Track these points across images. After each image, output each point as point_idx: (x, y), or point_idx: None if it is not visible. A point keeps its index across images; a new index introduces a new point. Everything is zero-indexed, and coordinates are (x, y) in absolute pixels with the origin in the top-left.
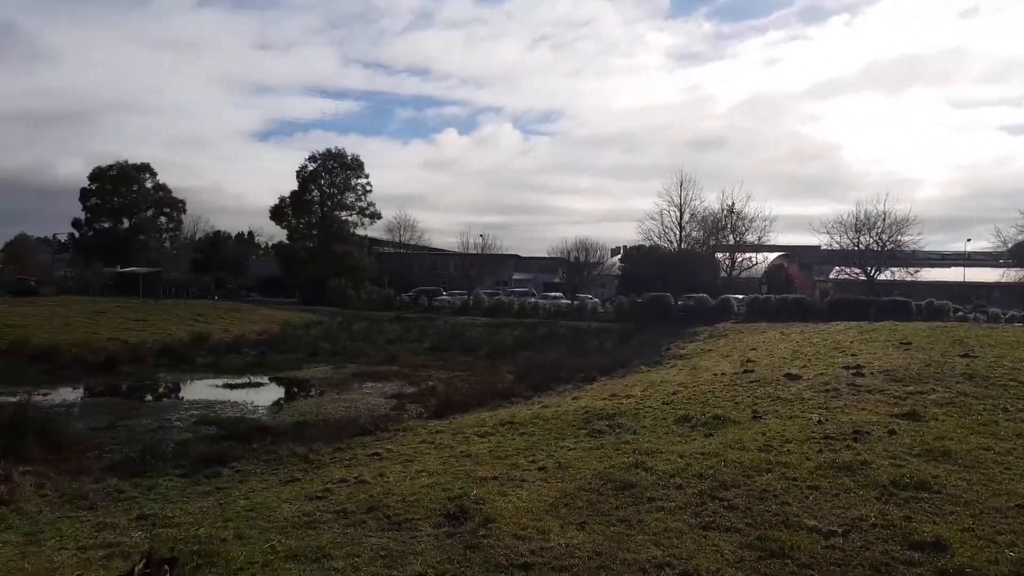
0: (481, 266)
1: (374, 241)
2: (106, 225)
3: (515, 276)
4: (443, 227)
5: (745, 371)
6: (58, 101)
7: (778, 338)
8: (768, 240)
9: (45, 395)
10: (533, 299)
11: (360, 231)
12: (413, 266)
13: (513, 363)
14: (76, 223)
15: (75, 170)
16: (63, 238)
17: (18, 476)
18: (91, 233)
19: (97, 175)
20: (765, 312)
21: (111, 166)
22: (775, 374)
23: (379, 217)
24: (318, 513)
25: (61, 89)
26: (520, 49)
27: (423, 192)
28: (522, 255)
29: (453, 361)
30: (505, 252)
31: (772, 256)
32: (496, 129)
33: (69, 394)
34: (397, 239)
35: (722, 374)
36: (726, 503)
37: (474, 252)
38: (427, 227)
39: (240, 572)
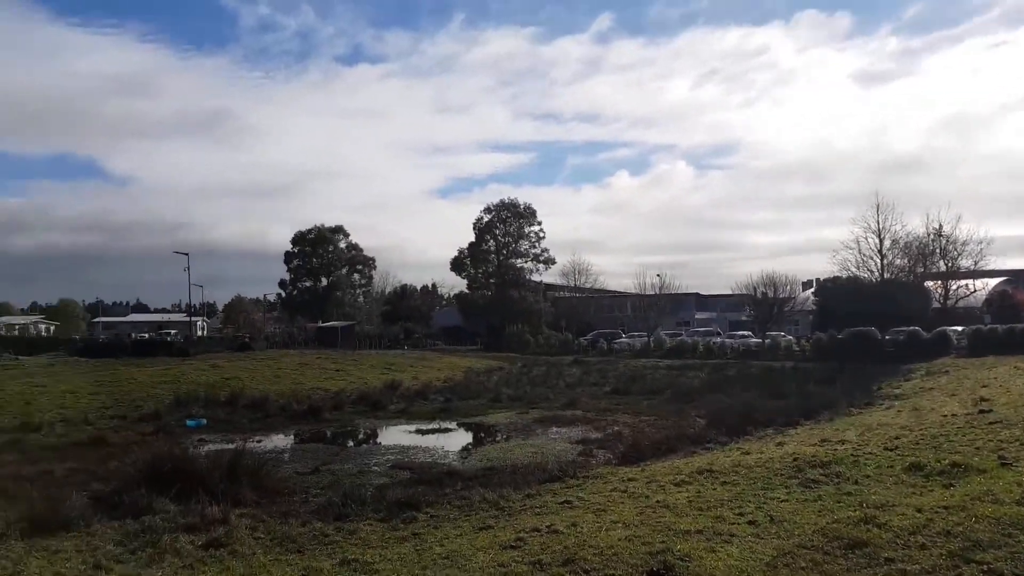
0: (660, 306)
1: (549, 286)
2: (307, 284)
3: (697, 315)
4: (617, 269)
5: (980, 411)
6: (267, 175)
7: (1013, 373)
8: (987, 264)
9: (258, 442)
10: (719, 339)
11: (535, 277)
12: (590, 309)
13: (701, 407)
14: (282, 283)
15: (282, 236)
16: (272, 297)
17: (234, 519)
18: (295, 292)
19: (298, 239)
20: (990, 344)
21: (310, 230)
22: (1019, 414)
23: (553, 262)
24: (513, 564)
25: (269, 164)
26: (689, 85)
27: (596, 236)
28: (702, 293)
29: (636, 405)
30: (684, 291)
31: (994, 282)
32: (668, 167)
33: (279, 440)
34: (572, 283)
35: (952, 415)
36: (986, 567)
37: (651, 292)
38: (601, 270)
39: None
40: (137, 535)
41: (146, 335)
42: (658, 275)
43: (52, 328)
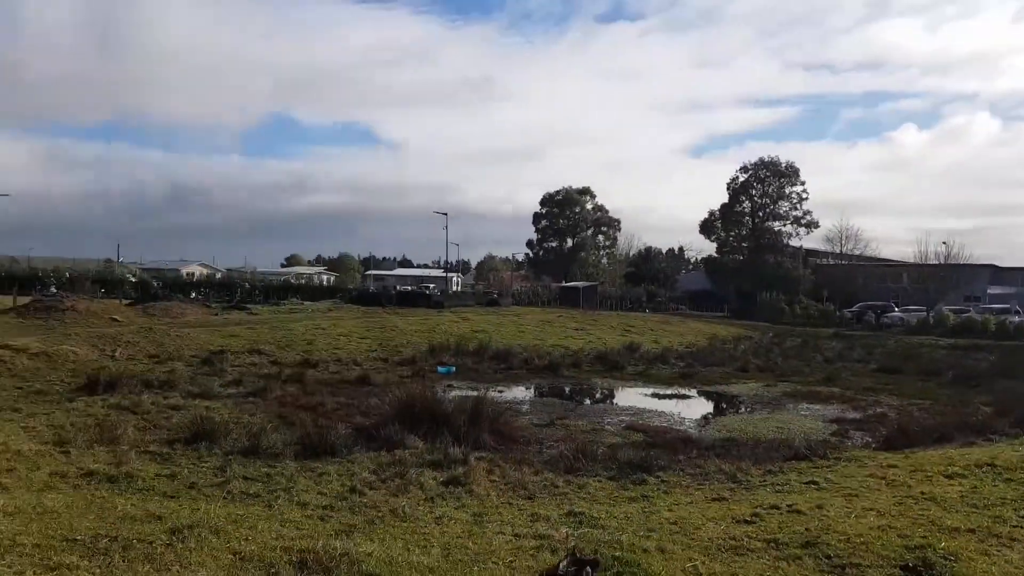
0: (944, 278)
1: (810, 252)
2: (553, 244)
3: (991, 290)
4: (894, 235)
5: None
6: (521, 139)
7: None
8: None
9: (500, 392)
10: (1017, 317)
11: (794, 242)
12: (856, 278)
13: (987, 393)
14: (529, 243)
15: (532, 198)
16: (520, 257)
17: (473, 461)
18: (541, 252)
19: (546, 200)
20: None
21: (558, 191)
22: None
23: (816, 226)
24: (746, 539)
25: (524, 128)
26: (1002, 24)
27: (870, 197)
28: (999, 265)
29: (907, 386)
30: (976, 262)
31: None
32: (967, 120)
33: (519, 392)
34: (837, 250)
35: None
36: None
37: (934, 263)
38: (874, 235)
39: None
40: (389, 466)
41: (408, 288)
42: (944, 243)
43: (332, 279)
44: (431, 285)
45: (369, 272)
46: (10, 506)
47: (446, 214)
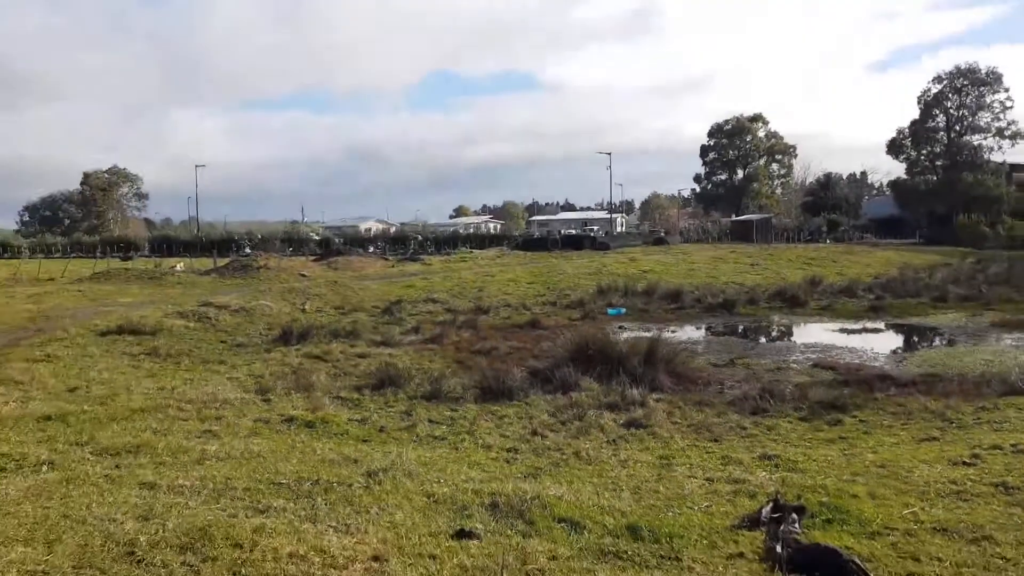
0: None
1: (1015, 167)
2: (722, 177)
3: None
4: None
5: None
6: (685, 70)
7: None
8: None
9: (673, 332)
10: None
11: (996, 156)
12: None
13: None
14: (697, 178)
15: (698, 130)
16: (686, 193)
17: (652, 402)
18: (709, 186)
19: (714, 131)
20: None
21: (727, 121)
22: None
23: (1022, 137)
24: (969, 483)
25: (688, 58)
26: None
27: None
28: None
29: None
30: None
31: None
32: None
33: (692, 332)
34: None
35: None
36: None
37: None
38: None
39: (878, 536)
40: (565, 409)
41: (573, 231)
42: None
43: (497, 226)
44: (595, 227)
45: (533, 218)
46: (221, 451)
47: (609, 154)
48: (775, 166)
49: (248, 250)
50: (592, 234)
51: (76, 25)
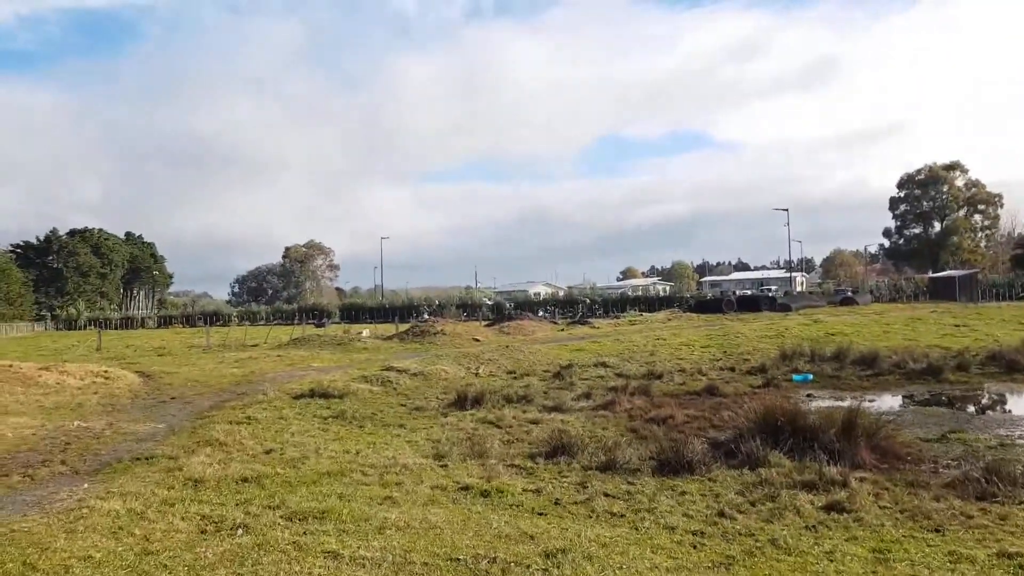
0: None
1: None
2: (915, 231)
3: None
4: None
5: None
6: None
7: None
8: None
9: (870, 401)
10: None
11: None
12: None
13: None
14: (886, 232)
15: (886, 182)
16: (873, 248)
17: (854, 482)
18: (900, 241)
19: (905, 182)
20: None
21: (919, 170)
22: None
23: None
24: None
25: (872, 107)
26: None
27: None
28: None
29: None
30: None
31: None
32: None
33: (892, 401)
34: None
35: None
36: None
37: None
38: None
39: None
40: (754, 487)
41: (748, 291)
42: None
43: (667, 288)
44: (772, 287)
45: (704, 279)
46: (401, 520)
47: (786, 210)
48: (977, 217)
49: (426, 315)
50: (770, 294)
51: (283, 112)
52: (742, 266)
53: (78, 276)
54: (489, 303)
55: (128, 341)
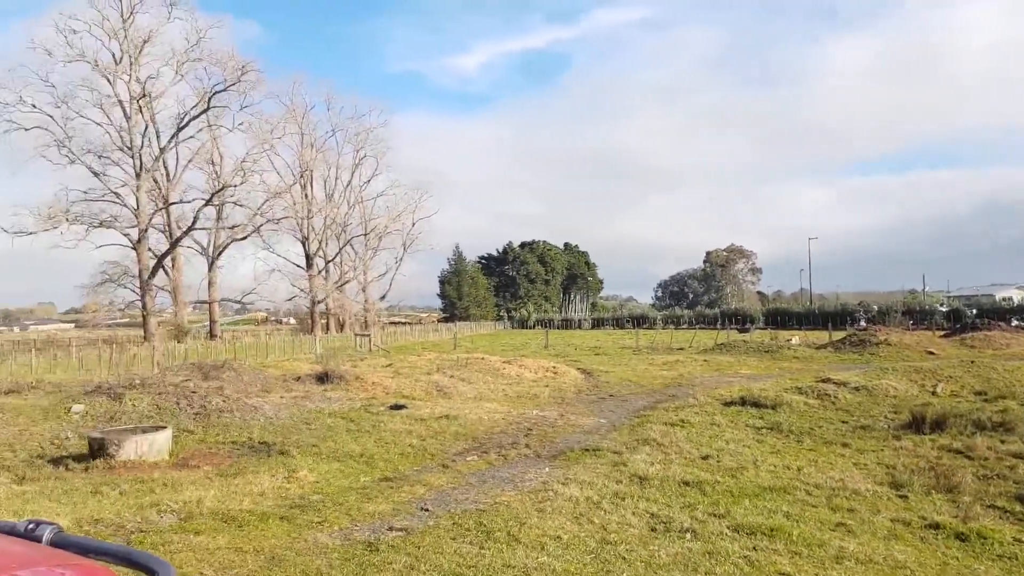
0: None
1: None
2: None
3: None
4: None
5: None
6: None
7: None
8: None
9: None
10: None
11: None
12: None
13: None
14: None
15: None
16: None
17: None
18: None
19: None
20: None
21: None
22: None
23: None
24: None
25: None
26: None
27: None
28: None
29: None
30: None
31: None
32: None
33: None
34: None
35: None
36: None
37: None
38: None
39: None
40: None
41: None
42: None
43: None
44: None
45: None
46: (860, 552)
47: None
48: None
49: (863, 323)
50: None
51: (697, 119)
52: None
53: (527, 282)
54: (943, 310)
55: (568, 340)
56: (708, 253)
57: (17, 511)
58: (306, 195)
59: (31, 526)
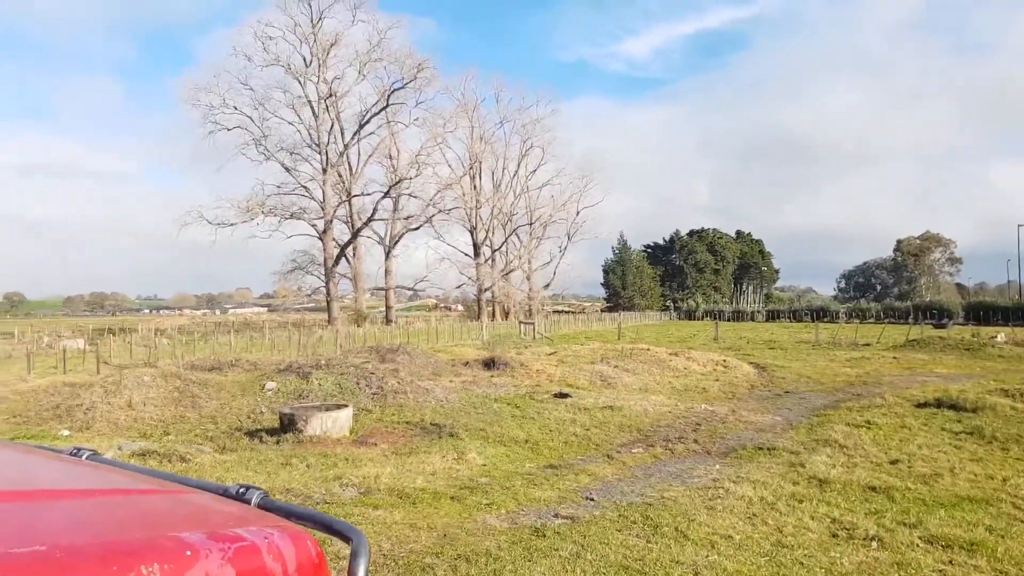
0: None
1: None
2: None
3: None
4: None
5: None
6: None
7: None
8: None
9: None
10: None
11: None
12: None
13: None
14: None
15: None
16: None
17: None
18: None
19: None
20: None
21: None
22: None
23: None
24: None
25: None
26: None
27: None
28: None
29: None
30: None
31: None
32: None
33: None
34: None
35: None
36: None
37: None
38: None
39: None
40: None
41: None
42: None
43: None
44: None
45: None
46: None
47: None
48: None
49: None
50: None
51: (887, 94)
52: None
53: (695, 272)
54: None
55: (740, 333)
56: (899, 241)
57: (220, 478)
58: (475, 186)
59: (242, 489)
